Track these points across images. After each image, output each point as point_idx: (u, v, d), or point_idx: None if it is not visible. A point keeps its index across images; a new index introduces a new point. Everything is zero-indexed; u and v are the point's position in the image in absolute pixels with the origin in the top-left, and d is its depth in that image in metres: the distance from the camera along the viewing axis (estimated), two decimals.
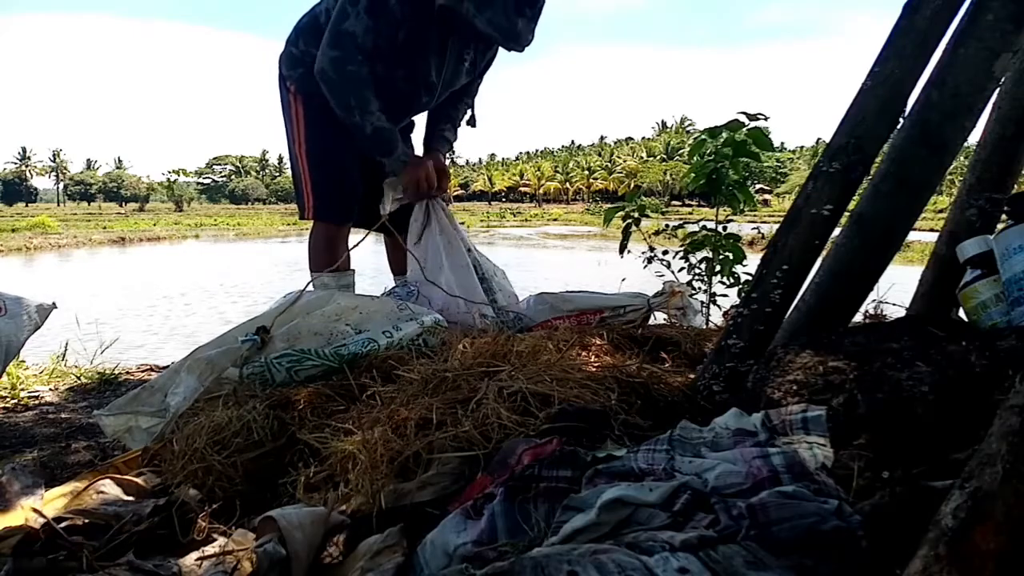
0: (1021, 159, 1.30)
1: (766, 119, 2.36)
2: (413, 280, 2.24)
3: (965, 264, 1.24)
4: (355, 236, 2.45)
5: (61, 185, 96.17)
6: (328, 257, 2.36)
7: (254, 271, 12.65)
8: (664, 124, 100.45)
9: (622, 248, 2.59)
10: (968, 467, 0.64)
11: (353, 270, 2.44)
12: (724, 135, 2.42)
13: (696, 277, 2.58)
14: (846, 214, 1.30)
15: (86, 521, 1.13)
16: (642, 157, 76.69)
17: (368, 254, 2.47)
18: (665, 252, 2.62)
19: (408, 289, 2.20)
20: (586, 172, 76.40)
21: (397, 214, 2.35)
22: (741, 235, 2.59)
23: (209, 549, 1.07)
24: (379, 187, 2.31)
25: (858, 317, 1.48)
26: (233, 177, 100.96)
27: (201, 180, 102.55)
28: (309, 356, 1.66)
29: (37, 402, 2.36)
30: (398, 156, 2.16)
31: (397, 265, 2.59)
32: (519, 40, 2.00)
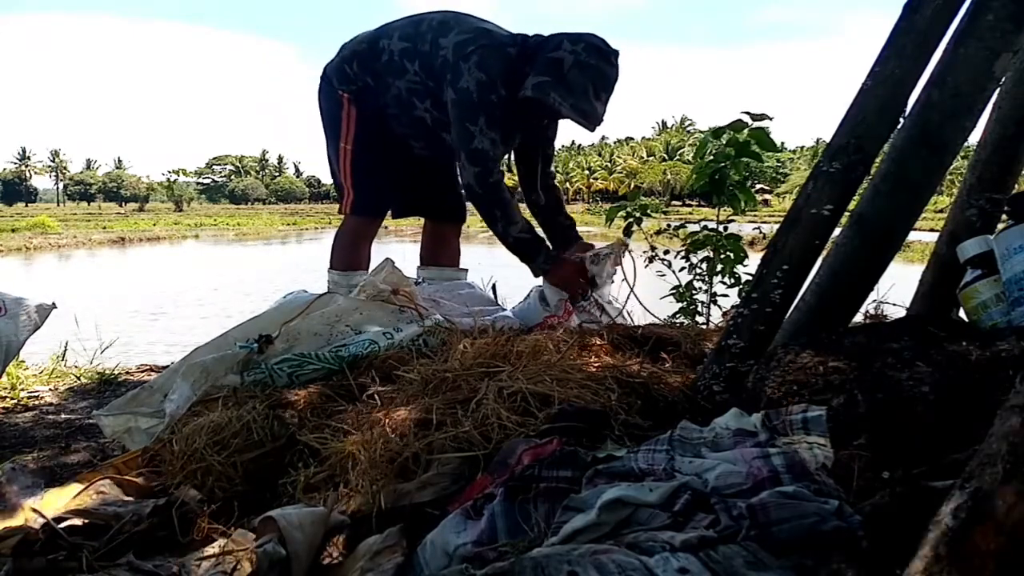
0: (1021, 159, 1.30)
1: (770, 120, 2.36)
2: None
3: (965, 264, 1.24)
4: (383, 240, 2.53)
5: (61, 185, 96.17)
6: (350, 253, 2.48)
7: (254, 270, 12.65)
8: (664, 124, 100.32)
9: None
10: (968, 467, 0.64)
11: (367, 271, 2.47)
12: (727, 135, 2.43)
13: (697, 277, 2.58)
14: (846, 214, 1.30)
15: (86, 521, 1.13)
16: (642, 157, 76.61)
17: (379, 255, 2.50)
18: (666, 252, 2.61)
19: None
20: (586, 172, 76.35)
21: (424, 201, 2.56)
22: (742, 235, 2.59)
23: (209, 549, 1.07)
24: (427, 177, 2.51)
25: (858, 317, 1.48)
26: (233, 177, 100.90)
27: (201, 180, 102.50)
28: (310, 360, 1.66)
29: (37, 402, 2.36)
30: (539, 264, 2.24)
31: (430, 255, 2.67)
32: (599, 122, 2.15)
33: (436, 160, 2.49)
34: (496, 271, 3.04)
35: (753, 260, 1.84)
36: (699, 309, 2.54)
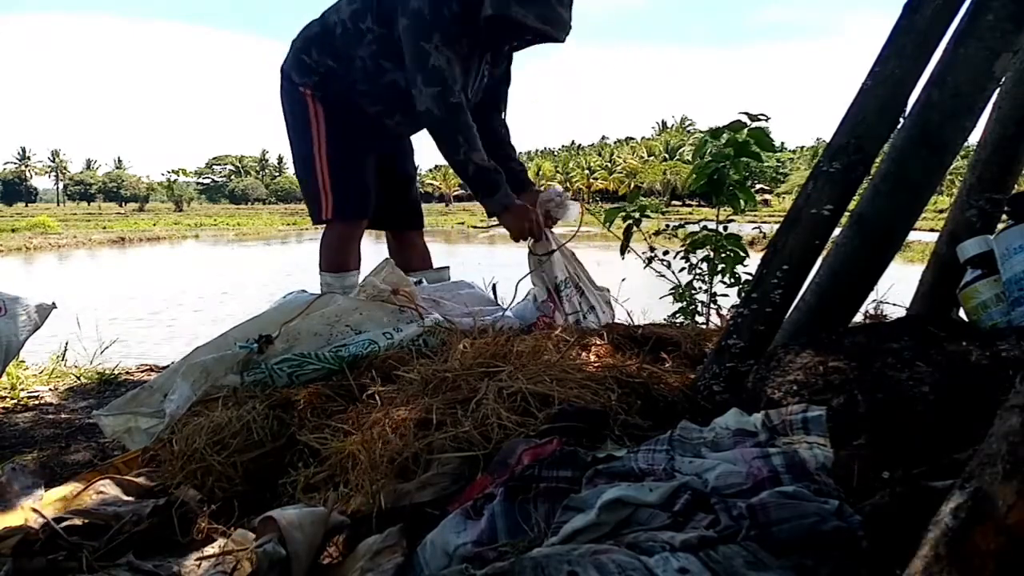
0: (1021, 159, 1.30)
1: (767, 119, 2.36)
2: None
3: (965, 264, 1.24)
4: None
5: (61, 185, 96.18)
6: (339, 255, 2.40)
7: (254, 270, 12.65)
8: (664, 124, 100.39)
9: (623, 249, 2.58)
10: (968, 467, 0.64)
11: (359, 271, 2.46)
12: (726, 136, 2.43)
13: (697, 277, 2.58)
14: (846, 214, 1.30)
15: (86, 521, 1.13)
16: (642, 157, 76.66)
17: (369, 254, 2.49)
18: (666, 252, 2.61)
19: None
20: (586, 172, 76.39)
21: (390, 208, 2.50)
22: (742, 235, 2.59)
23: (209, 549, 1.07)
24: (391, 189, 2.43)
25: (858, 317, 1.48)
26: (233, 177, 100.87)
27: (201, 180, 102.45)
28: (310, 360, 1.66)
29: (37, 402, 2.36)
30: (499, 199, 2.13)
31: (402, 263, 2.59)
32: (566, 29, 2.06)
33: (406, 148, 2.48)
34: (496, 271, 3.04)
35: (753, 260, 1.83)
36: (699, 309, 2.54)
